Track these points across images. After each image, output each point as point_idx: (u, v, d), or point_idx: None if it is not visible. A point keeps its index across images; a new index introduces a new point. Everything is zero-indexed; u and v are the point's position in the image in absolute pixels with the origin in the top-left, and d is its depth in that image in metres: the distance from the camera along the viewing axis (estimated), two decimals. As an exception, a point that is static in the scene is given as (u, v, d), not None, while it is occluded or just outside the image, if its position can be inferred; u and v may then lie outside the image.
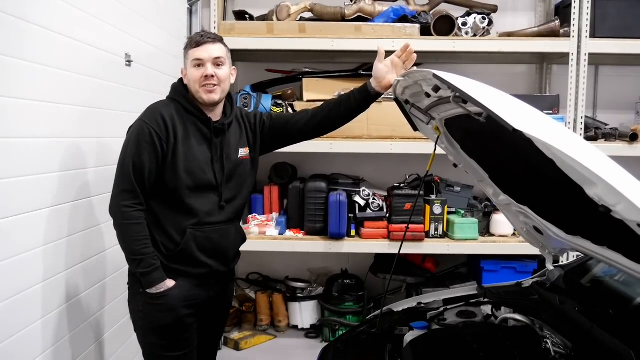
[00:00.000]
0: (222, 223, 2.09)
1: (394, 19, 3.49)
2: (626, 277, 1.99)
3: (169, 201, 2.02)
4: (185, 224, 2.02)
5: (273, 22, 3.52)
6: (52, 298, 2.10)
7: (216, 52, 2.03)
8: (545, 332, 1.77)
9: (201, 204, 2.04)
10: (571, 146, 1.15)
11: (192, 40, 2.04)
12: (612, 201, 1.15)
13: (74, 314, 2.25)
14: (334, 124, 2.27)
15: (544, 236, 2.00)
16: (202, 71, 2.00)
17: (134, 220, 1.95)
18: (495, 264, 3.59)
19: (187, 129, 2.03)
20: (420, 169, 3.65)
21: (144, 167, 1.95)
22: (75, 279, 2.26)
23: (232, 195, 2.12)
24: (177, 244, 2.01)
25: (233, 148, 2.12)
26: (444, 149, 2.09)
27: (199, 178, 2.02)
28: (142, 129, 1.97)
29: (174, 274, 2.02)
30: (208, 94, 2.02)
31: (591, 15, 3.43)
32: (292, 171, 3.84)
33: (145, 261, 1.95)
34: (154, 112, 2.01)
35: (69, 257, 2.20)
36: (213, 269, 2.09)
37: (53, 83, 2.08)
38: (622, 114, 3.91)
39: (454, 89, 1.40)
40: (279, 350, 3.66)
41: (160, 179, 2.00)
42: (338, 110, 2.21)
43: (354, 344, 2.11)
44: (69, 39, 2.17)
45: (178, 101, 2.06)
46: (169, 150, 1.98)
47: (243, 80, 3.95)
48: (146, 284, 1.97)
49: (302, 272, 4.08)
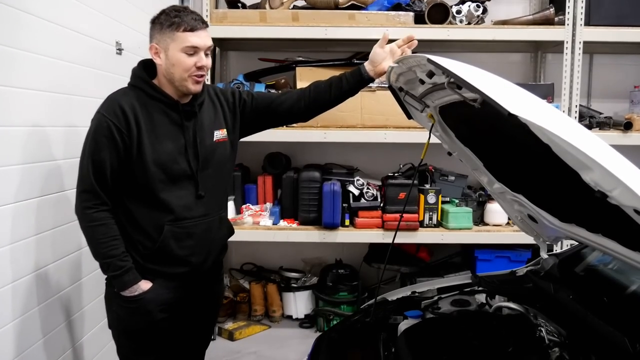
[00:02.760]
0: (203, 216, 1.96)
1: (388, 7, 3.46)
2: (620, 265, 1.99)
3: (142, 197, 1.88)
4: (163, 220, 1.89)
5: (266, 11, 3.49)
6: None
7: (209, 40, 1.89)
8: (539, 320, 1.76)
9: (177, 197, 1.90)
10: (567, 131, 1.13)
11: (184, 21, 1.83)
12: (609, 186, 1.14)
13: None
14: (321, 107, 2.17)
15: (539, 224, 2.00)
16: (195, 60, 1.84)
17: (97, 221, 1.82)
18: (490, 253, 3.59)
19: (151, 117, 1.86)
20: (415, 158, 3.64)
21: (104, 165, 1.81)
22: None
23: (210, 183, 1.98)
24: (154, 242, 1.89)
25: (207, 131, 1.97)
26: (438, 137, 2.08)
27: (171, 169, 1.87)
28: (100, 123, 1.81)
29: (151, 274, 1.91)
30: (195, 84, 1.88)
31: (586, 3, 3.41)
32: (286, 161, 3.82)
33: (113, 264, 1.83)
34: (111, 103, 1.84)
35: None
36: (195, 266, 1.97)
37: (42, 70, 2.05)
38: (616, 103, 3.90)
39: (448, 74, 1.38)
40: (273, 340, 3.66)
41: (129, 174, 1.85)
42: (328, 93, 2.12)
43: (348, 334, 2.11)
44: (59, 26, 2.14)
45: (139, 87, 1.89)
46: (132, 143, 1.82)
47: (236, 70, 3.93)
48: (118, 287, 1.86)
49: (296, 262, 4.08)
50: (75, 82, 2.27)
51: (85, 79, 2.35)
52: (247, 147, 3.26)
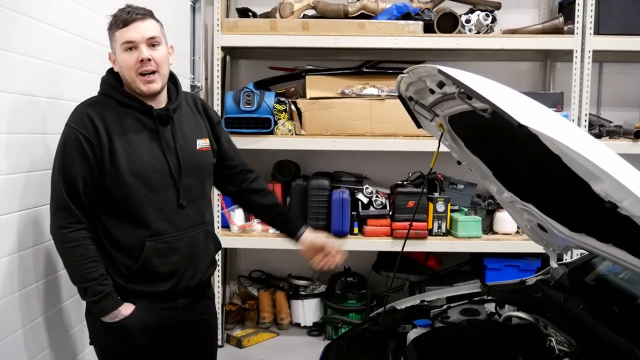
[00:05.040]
0: (186, 230, 1.83)
1: (397, 16, 3.48)
2: (631, 275, 1.98)
3: (119, 213, 1.75)
4: (143, 236, 1.75)
5: (276, 20, 3.51)
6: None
7: (149, 30, 1.72)
8: (549, 330, 1.76)
9: (157, 209, 1.76)
10: (577, 141, 1.14)
11: (118, 18, 1.71)
12: (619, 197, 1.14)
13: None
14: (248, 207, 2.19)
15: (548, 234, 1.99)
16: (136, 55, 1.70)
17: (73, 242, 1.69)
18: (499, 262, 3.57)
19: (123, 125, 1.74)
20: (424, 167, 3.64)
21: (76, 180, 1.68)
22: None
23: (193, 194, 1.85)
24: (136, 260, 1.75)
25: (189, 138, 1.85)
26: (447, 146, 2.08)
27: (150, 178, 1.75)
28: (69, 135, 1.70)
29: (133, 296, 1.77)
30: (147, 84, 1.73)
31: (595, 12, 3.41)
32: (295, 169, 3.83)
33: (91, 288, 1.70)
34: (79, 114, 1.72)
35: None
36: (182, 284, 1.83)
37: (49, 76, 2.01)
38: (626, 112, 3.89)
39: (458, 85, 1.39)
40: (281, 348, 3.66)
41: (103, 189, 1.73)
42: (269, 217, 2.17)
43: (356, 342, 2.11)
44: (70, 34, 2.14)
45: (109, 95, 1.78)
46: (104, 155, 1.70)
47: (246, 78, 3.96)
48: (98, 313, 1.73)
49: (305, 269, 4.07)
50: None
51: (94, 86, 2.34)
52: (256, 154, 3.29)
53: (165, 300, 1.83)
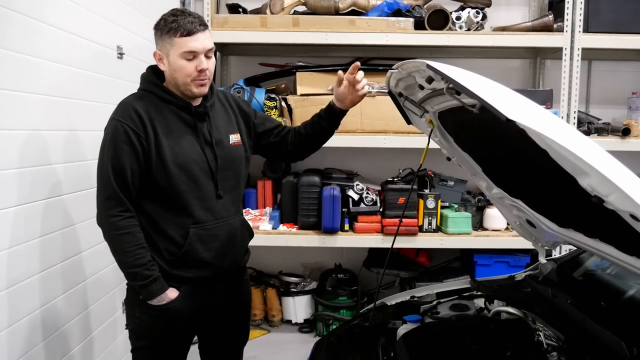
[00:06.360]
0: (225, 218, 1.96)
1: (388, 12, 3.48)
2: (618, 270, 2.00)
3: (164, 201, 1.87)
4: (187, 223, 1.88)
5: (266, 16, 3.50)
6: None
7: (209, 42, 1.86)
8: (537, 324, 1.77)
9: (198, 198, 1.89)
10: (564, 136, 1.14)
11: (180, 26, 1.80)
12: (605, 191, 1.15)
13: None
14: (308, 142, 2.20)
15: (537, 229, 2.01)
16: (195, 64, 1.83)
17: (123, 229, 1.80)
18: (488, 258, 3.59)
19: (166, 120, 1.86)
20: (414, 164, 3.64)
21: (125, 170, 1.79)
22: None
23: (229, 185, 1.97)
24: (180, 247, 1.87)
25: (224, 134, 1.98)
26: (437, 143, 2.09)
27: (191, 169, 1.87)
28: (117, 129, 1.80)
29: (177, 282, 1.88)
30: (200, 87, 1.87)
31: (584, 10, 3.43)
32: (286, 165, 3.82)
33: (140, 274, 1.80)
34: (126, 108, 1.84)
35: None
36: (222, 269, 1.97)
37: (43, 75, 2.05)
38: (614, 109, 3.91)
39: (447, 80, 1.39)
40: (272, 344, 3.66)
41: (149, 179, 1.84)
42: (311, 127, 2.16)
43: (347, 338, 2.11)
44: (60, 30, 2.15)
45: (151, 91, 1.89)
46: (150, 147, 1.82)
47: (236, 74, 3.95)
48: (145, 296, 1.84)
49: (296, 266, 4.07)
50: (76, 86, 2.27)
51: (85, 83, 2.36)
52: (247, 151, 3.28)
53: (207, 285, 1.95)
